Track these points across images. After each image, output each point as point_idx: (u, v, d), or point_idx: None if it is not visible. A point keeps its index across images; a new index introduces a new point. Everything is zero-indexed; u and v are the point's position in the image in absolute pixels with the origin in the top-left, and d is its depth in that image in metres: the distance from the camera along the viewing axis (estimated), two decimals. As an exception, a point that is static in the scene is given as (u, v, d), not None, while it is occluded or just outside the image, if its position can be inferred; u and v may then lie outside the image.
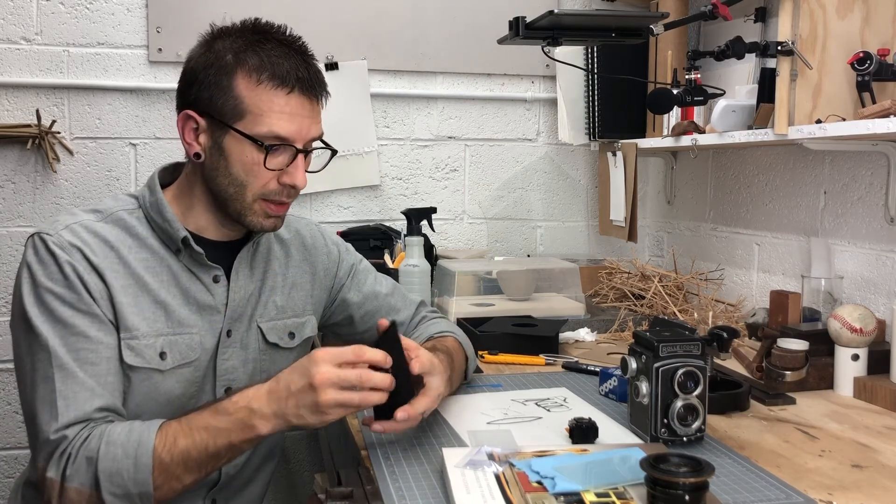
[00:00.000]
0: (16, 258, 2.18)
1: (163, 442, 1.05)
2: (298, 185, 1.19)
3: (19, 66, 2.15)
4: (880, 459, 1.16)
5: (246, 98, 1.14)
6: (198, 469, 1.07)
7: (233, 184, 1.18)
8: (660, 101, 1.81)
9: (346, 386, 1.04)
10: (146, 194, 1.24)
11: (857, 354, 1.47)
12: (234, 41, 1.17)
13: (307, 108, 1.18)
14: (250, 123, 1.14)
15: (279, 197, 1.20)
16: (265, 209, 1.20)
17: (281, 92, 1.15)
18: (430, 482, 1.04)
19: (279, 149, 1.16)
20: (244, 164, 1.16)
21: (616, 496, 0.92)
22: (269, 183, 1.18)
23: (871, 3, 1.60)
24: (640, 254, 2.57)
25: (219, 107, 1.15)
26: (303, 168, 1.20)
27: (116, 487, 1.03)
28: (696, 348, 1.17)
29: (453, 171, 2.50)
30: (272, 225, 1.22)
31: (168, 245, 1.21)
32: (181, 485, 1.06)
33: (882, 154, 1.67)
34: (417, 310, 1.52)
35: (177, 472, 1.05)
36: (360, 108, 2.37)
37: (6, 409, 2.22)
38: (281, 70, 1.15)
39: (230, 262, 1.26)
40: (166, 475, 1.04)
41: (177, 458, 1.05)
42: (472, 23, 2.42)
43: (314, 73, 1.20)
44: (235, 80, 1.14)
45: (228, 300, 1.25)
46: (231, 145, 1.16)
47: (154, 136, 2.26)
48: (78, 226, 1.17)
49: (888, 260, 1.69)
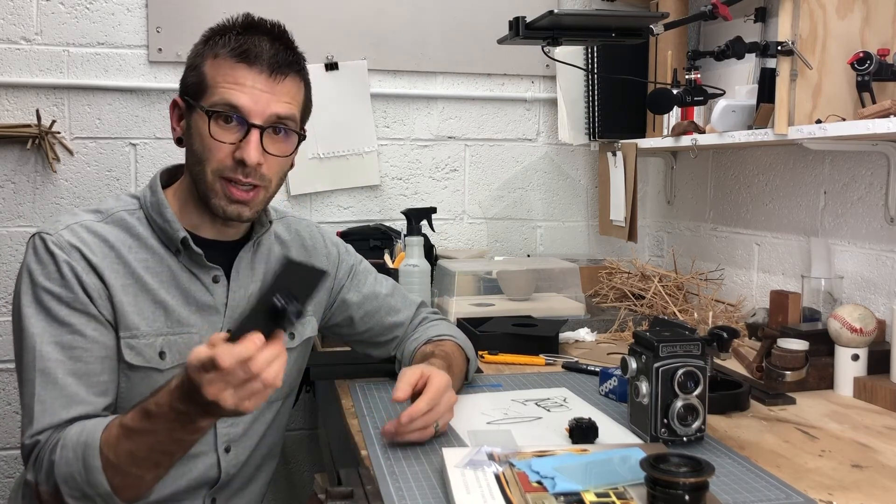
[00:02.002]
0: (16, 258, 2.18)
1: (107, 442, 1.03)
2: (246, 160, 1.15)
3: (19, 66, 2.15)
4: (880, 459, 1.16)
5: (208, 73, 1.18)
6: (154, 466, 1.03)
7: (196, 161, 1.19)
8: (660, 101, 1.81)
9: None
10: (147, 194, 1.24)
11: (857, 354, 1.47)
12: (213, 32, 1.22)
13: (265, 82, 1.17)
14: (209, 96, 1.17)
15: (235, 175, 1.17)
16: (227, 191, 1.18)
17: (238, 65, 1.17)
18: (430, 482, 1.04)
19: (232, 120, 1.16)
20: (202, 138, 1.18)
21: (616, 496, 0.92)
22: (225, 159, 1.17)
23: (871, 3, 1.60)
24: (640, 254, 2.57)
25: (190, 87, 1.20)
26: (255, 144, 1.16)
27: (74, 491, 1.03)
28: (696, 348, 1.17)
29: (453, 171, 2.50)
30: (235, 212, 1.19)
31: (168, 246, 1.21)
32: (143, 482, 1.04)
33: (882, 154, 1.67)
34: (418, 311, 1.52)
35: (130, 471, 1.02)
36: (360, 108, 2.37)
37: (6, 409, 2.22)
38: (244, 46, 1.17)
39: (229, 262, 1.26)
40: (121, 475, 1.02)
41: (123, 459, 1.02)
42: (472, 23, 2.42)
43: (282, 53, 1.19)
44: (204, 60, 1.19)
45: (228, 300, 1.25)
46: (196, 122, 1.19)
47: (154, 136, 2.26)
48: (78, 226, 1.17)
49: (888, 260, 1.69)
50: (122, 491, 1.03)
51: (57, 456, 1.04)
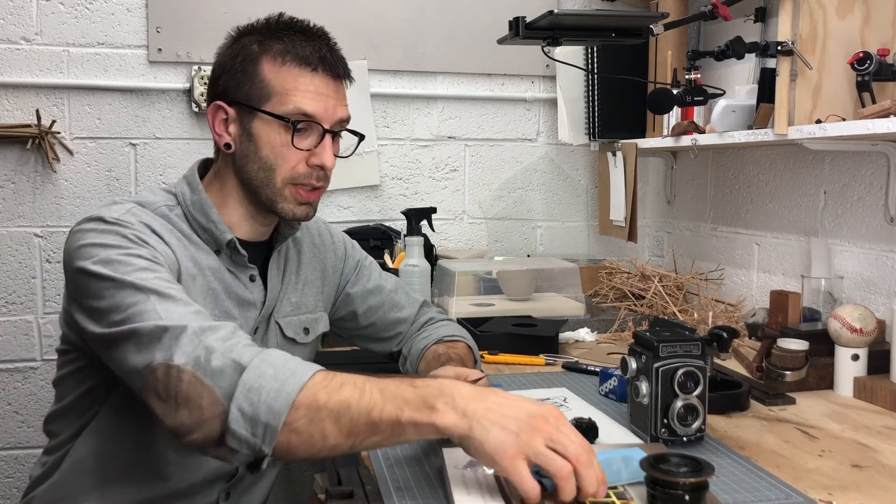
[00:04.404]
0: (16, 258, 2.18)
1: (325, 382, 0.92)
2: (327, 166, 1.20)
3: (19, 66, 2.15)
4: (880, 459, 1.16)
5: (272, 80, 1.17)
6: (348, 432, 0.90)
7: (263, 168, 1.19)
8: (660, 101, 1.81)
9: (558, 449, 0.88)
10: (186, 192, 1.23)
11: (857, 354, 1.47)
12: (258, 34, 1.21)
13: (332, 88, 1.20)
14: (277, 104, 1.17)
15: (308, 180, 1.20)
16: (296, 195, 1.21)
17: (305, 71, 1.18)
18: (430, 482, 1.04)
19: (306, 128, 1.18)
20: (273, 147, 1.18)
21: (616, 496, 0.92)
22: (298, 165, 1.19)
23: (871, 3, 1.60)
24: (640, 254, 2.57)
25: (246, 92, 1.18)
26: (331, 149, 1.21)
27: (248, 405, 0.90)
28: (696, 348, 1.17)
29: (453, 171, 2.50)
30: (304, 213, 1.23)
31: (209, 244, 1.22)
32: (322, 439, 0.91)
33: (882, 154, 1.67)
34: (421, 309, 1.52)
35: (324, 421, 0.90)
36: (359, 108, 2.37)
37: (6, 409, 2.22)
38: (304, 51, 1.18)
39: (260, 261, 1.28)
40: (312, 417, 0.90)
41: (333, 404, 0.90)
42: (472, 23, 2.42)
43: (337, 56, 1.23)
44: (261, 65, 1.18)
45: (266, 298, 1.27)
46: (259, 129, 1.18)
47: (154, 136, 2.26)
48: (135, 209, 1.15)
49: (888, 260, 1.69)
50: (294, 433, 0.90)
51: (254, 363, 0.91)
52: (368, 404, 0.90)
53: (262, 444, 0.90)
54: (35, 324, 2.21)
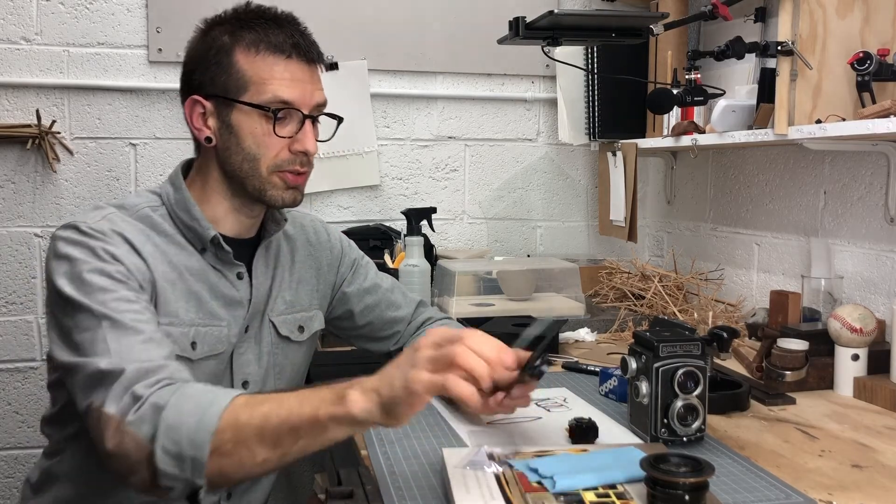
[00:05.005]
0: (16, 258, 2.18)
1: (246, 402, 0.95)
2: (310, 151, 1.21)
3: (19, 66, 2.15)
4: (880, 459, 1.16)
5: (247, 70, 1.17)
6: (273, 443, 0.93)
7: (247, 159, 1.19)
8: (660, 101, 1.81)
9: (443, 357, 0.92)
10: (170, 191, 1.23)
11: (857, 354, 1.47)
12: (228, 25, 1.21)
13: (307, 73, 1.21)
14: (255, 93, 1.17)
15: (293, 166, 1.21)
16: (283, 180, 1.21)
17: (279, 58, 1.18)
18: (430, 482, 1.04)
19: (286, 115, 1.19)
20: (255, 137, 1.18)
21: (616, 496, 0.92)
22: (281, 153, 1.20)
23: (871, 3, 1.60)
24: (640, 254, 2.57)
25: (222, 85, 1.18)
26: (312, 134, 1.22)
27: (171, 444, 0.92)
28: (696, 348, 1.17)
29: (453, 171, 2.50)
30: (292, 198, 1.23)
31: (193, 243, 1.21)
32: (251, 456, 0.93)
33: (882, 154, 1.67)
34: (418, 309, 1.52)
35: (249, 439, 0.92)
36: (360, 108, 2.37)
37: (6, 409, 2.22)
38: (277, 39, 1.18)
39: (246, 258, 1.27)
40: (237, 439, 0.92)
41: (255, 420, 0.92)
42: (472, 23, 2.42)
43: (309, 41, 1.23)
44: (235, 56, 1.18)
45: (252, 296, 1.26)
46: (239, 120, 1.18)
47: (154, 136, 2.26)
48: (113, 215, 1.16)
49: (888, 260, 1.69)
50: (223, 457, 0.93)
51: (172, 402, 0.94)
52: (287, 411, 0.93)
53: (193, 477, 0.93)
54: (35, 324, 2.21)
